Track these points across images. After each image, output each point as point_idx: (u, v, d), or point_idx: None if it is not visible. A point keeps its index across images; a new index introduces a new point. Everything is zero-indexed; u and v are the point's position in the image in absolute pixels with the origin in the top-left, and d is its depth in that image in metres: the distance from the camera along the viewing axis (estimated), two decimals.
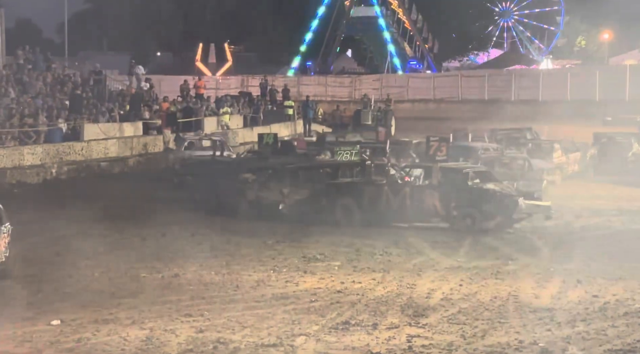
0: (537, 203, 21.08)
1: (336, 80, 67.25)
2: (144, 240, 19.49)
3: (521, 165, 26.41)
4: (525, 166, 26.35)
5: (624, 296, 13.98)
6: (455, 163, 22.94)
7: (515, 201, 20.53)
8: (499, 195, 20.77)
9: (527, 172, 25.76)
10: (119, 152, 33.11)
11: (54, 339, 11.73)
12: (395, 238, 19.44)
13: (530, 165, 26.36)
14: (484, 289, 14.57)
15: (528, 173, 25.64)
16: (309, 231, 20.29)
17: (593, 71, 59.51)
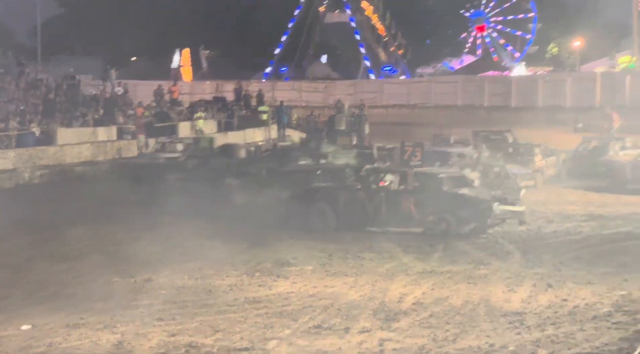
0: (511, 209, 21.22)
1: (310, 85, 67.40)
2: (117, 244, 19.44)
3: (497, 172, 25.65)
4: (501, 174, 25.60)
5: (593, 300, 14.12)
6: (430, 168, 23.03)
7: (490, 206, 20.66)
8: (474, 200, 20.88)
9: (504, 180, 25.10)
10: (92, 156, 33.03)
11: (24, 344, 11.71)
12: (369, 242, 19.51)
13: (506, 173, 25.63)
14: (456, 293, 14.67)
15: (505, 182, 24.97)
16: (283, 235, 20.31)
17: (564, 78, 60.02)
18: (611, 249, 18.93)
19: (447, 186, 21.26)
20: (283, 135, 42.63)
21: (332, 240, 19.82)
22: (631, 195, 27.28)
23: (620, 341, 11.97)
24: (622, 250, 18.75)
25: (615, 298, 14.24)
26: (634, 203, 25.90)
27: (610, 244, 19.56)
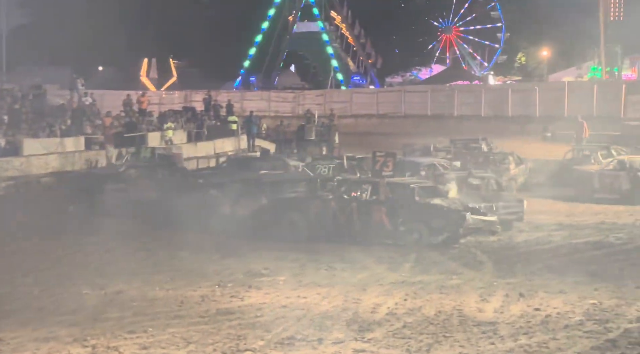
0: (484, 218, 21.25)
1: (280, 95, 67.35)
2: (86, 256, 19.27)
3: (492, 185, 24.91)
4: (495, 186, 24.90)
5: (565, 309, 14.18)
6: (402, 178, 23.03)
7: (462, 216, 20.65)
8: (447, 210, 20.87)
9: (501, 193, 24.34)
10: (60, 167, 32.69)
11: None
12: (341, 253, 19.47)
13: (501, 185, 25.01)
14: (429, 303, 14.66)
15: (503, 194, 24.17)
16: (255, 245, 20.23)
17: (533, 88, 60.40)
18: (581, 258, 19.06)
19: (420, 196, 21.27)
20: (252, 145, 42.53)
21: (304, 250, 19.75)
22: (599, 204, 27.53)
23: (592, 350, 12.03)
24: (592, 259, 18.90)
25: (586, 307, 14.31)
26: (602, 212, 26.16)
27: (580, 253, 19.70)
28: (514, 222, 22.99)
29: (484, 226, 21.22)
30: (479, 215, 21.09)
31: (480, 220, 21.05)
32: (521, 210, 23.10)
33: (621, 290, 15.53)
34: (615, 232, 22.38)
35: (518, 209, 23.08)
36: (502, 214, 22.43)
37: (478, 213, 21.20)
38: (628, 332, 12.85)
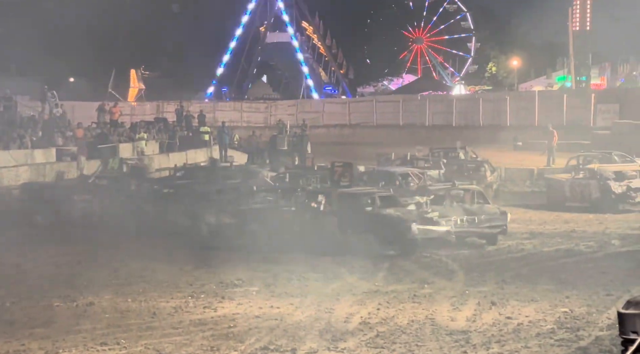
0: (432, 228, 21.11)
1: (252, 105, 67.34)
2: (58, 268, 19.16)
3: (477, 197, 23.75)
4: (478, 198, 23.69)
5: (537, 318, 14.28)
6: (356, 188, 23.07)
7: (408, 226, 20.59)
8: (394, 220, 20.89)
9: (485, 205, 23.11)
10: (30, 178, 32.41)
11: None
12: (313, 262, 19.48)
13: (485, 198, 23.72)
14: (401, 312, 14.71)
15: (486, 207, 23.00)
16: (227, 256, 20.20)
17: (504, 97, 60.81)
18: (552, 266, 19.21)
19: (376, 206, 21.29)
20: (225, 155, 42.43)
21: (275, 261, 19.72)
22: (570, 213, 27.74)
23: None
24: (562, 267, 19.04)
25: (557, 315, 14.42)
26: (572, 221, 26.36)
27: (551, 261, 19.85)
28: (497, 236, 22.37)
29: (434, 236, 21.08)
30: (428, 225, 21.02)
31: (427, 229, 20.95)
32: (504, 223, 22.48)
33: (592, 298, 15.66)
34: (586, 240, 22.57)
35: (501, 222, 22.47)
36: (485, 227, 22.12)
37: (428, 223, 21.13)
38: (599, 340, 12.95)
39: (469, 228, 21.97)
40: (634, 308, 5.90)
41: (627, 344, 5.79)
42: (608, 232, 24.02)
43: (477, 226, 22.01)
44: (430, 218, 21.39)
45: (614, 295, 15.69)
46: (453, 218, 21.76)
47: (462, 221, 21.86)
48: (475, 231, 22.10)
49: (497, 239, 22.25)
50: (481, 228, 22.06)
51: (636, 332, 5.70)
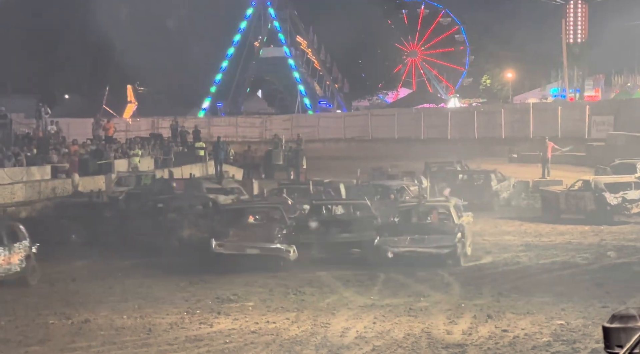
0: (274, 246, 21.01)
1: (247, 120, 67.32)
2: (52, 285, 19.12)
3: (441, 214, 23.03)
4: (442, 215, 22.94)
5: (532, 330, 14.26)
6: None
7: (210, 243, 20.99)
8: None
9: (446, 224, 22.24)
10: (26, 196, 32.39)
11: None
12: (308, 276, 19.46)
13: (450, 215, 22.48)
14: (397, 326, 14.69)
15: (445, 226, 22.06)
16: (222, 271, 20.16)
17: (498, 109, 60.90)
18: (548, 279, 19.20)
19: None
20: (220, 171, 42.45)
21: (272, 275, 19.72)
22: (565, 225, 27.73)
23: None
24: (558, 280, 19.03)
25: (553, 328, 14.41)
26: (568, 233, 26.33)
27: (547, 274, 19.84)
28: (446, 258, 20.94)
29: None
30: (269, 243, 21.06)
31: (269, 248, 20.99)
32: (452, 243, 20.85)
33: (588, 310, 15.65)
34: (582, 252, 22.56)
35: (448, 243, 20.90)
36: (432, 247, 20.91)
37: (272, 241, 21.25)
38: (595, 352, 12.93)
39: (417, 247, 20.96)
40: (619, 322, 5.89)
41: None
42: (604, 244, 24.01)
43: (425, 246, 20.91)
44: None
45: (610, 307, 15.64)
46: (402, 237, 21.17)
47: (410, 240, 21.08)
48: (423, 251, 20.87)
49: (456, 259, 20.80)
50: (429, 247, 20.87)
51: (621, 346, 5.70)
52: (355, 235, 21.69)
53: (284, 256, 20.65)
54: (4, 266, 18.57)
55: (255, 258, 20.65)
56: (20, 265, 19.05)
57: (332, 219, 23.12)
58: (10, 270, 18.74)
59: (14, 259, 18.87)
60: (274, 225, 22.07)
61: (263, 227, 22.25)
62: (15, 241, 19.25)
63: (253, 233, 21.54)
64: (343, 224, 22.56)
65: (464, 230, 21.65)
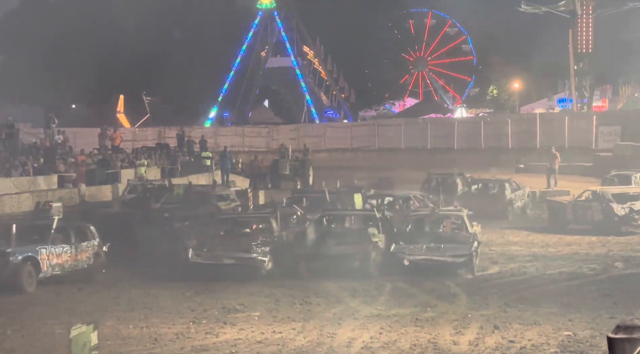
0: (248, 256, 21.16)
1: (253, 130, 67.44)
2: (58, 295, 19.11)
3: (455, 224, 23.33)
4: (460, 225, 23.07)
5: (539, 341, 14.20)
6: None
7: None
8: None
9: (460, 233, 22.50)
10: (32, 206, 32.43)
11: None
12: (315, 287, 19.43)
13: (464, 225, 22.83)
14: (404, 336, 14.64)
15: (459, 235, 22.32)
16: (228, 281, 20.15)
17: (505, 119, 60.91)
18: (555, 289, 19.12)
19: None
20: (227, 180, 42.49)
21: (278, 285, 19.71)
22: (572, 235, 27.65)
23: None
24: (565, 290, 18.96)
25: (560, 339, 14.34)
26: (576, 243, 26.27)
27: (554, 284, 19.77)
28: (461, 267, 21.34)
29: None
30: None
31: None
32: (468, 252, 21.17)
33: (595, 321, 15.58)
34: (589, 263, 22.49)
35: (465, 251, 21.19)
36: (448, 256, 21.12)
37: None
38: None
39: (433, 255, 21.15)
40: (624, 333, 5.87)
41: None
42: (611, 254, 23.94)
43: (441, 255, 21.12)
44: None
45: (618, 318, 15.55)
46: (418, 245, 21.39)
47: (426, 248, 21.30)
48: (438, 260, 21.11)
49: (471, 268, 21.14)
50: (445, 256, 21.08)
51: None
52: (352, 247, 21.16)
53: (258, 266, 20.91)
54: (70, 263, 20.82)
55: (231, 267, 20.97)
56: (88, 262, 21.38)
57: (327, 231, 22.63)
58: (77, 266, 21.06)
59: (81, 256, 21.21)
60: (257, 236, 22.26)
61: (244, 237, 22.38)
62: (83, 240, 21.51)
63: (232, 243, 21.80)
64: (339, 236, 22.06)
65: (478, 239, 22.12)
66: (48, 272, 20.15)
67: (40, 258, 19.88)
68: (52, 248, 20.37)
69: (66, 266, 20.72)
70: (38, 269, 19.82)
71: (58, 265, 20.46)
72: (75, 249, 21.03)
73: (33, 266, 19.70)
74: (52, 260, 20.28)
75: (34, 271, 19.73)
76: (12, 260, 19.39)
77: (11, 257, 19.42)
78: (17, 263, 19.39)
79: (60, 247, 20.66)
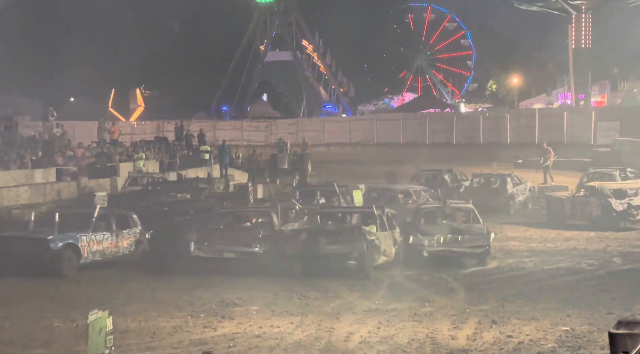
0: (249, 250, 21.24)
1: (252, 124, 67.43)
2: (57, 288, 19.12)
3: (466, 216, 24.06)
4: (470, 217, 23.72)
5: (537, 336, 14.22)
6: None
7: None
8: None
9: (474, 225, 23.14)
10: (30, 199, 32.38)
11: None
12: (313, 281, 19.44)
13: (476, 216, 23.54)
14: (402, 331, 14.65)
15: (473, 226, 23.01)
16: (227, 275, 20.16)
17: (504, 115, 60.94)
18: (553, 285, 19.15)
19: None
20: (225, 174, 42.47)
21: (276, 279, 19.70)
22: (570, 231, 27.69)
23: None
24: (563, 286, 18.99)
25: (558, 334, 14.36)
26: (574, 238, 26.31)
27: (552, 279, 19.80)
28: (480, 256, 22.08)
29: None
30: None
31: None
32: (487, 243, 22.03)
33: (593, 316, 15.60)
34: (587, 258, 22.53)
35: (483, 242, 22.00)
36: (466, 247, 21.92)
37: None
38: None
39: (451, 247, 21.95)
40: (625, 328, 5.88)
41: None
42: (609, 250, 23.97)
43: (460, 246, 21.94)
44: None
45: (616, 314, 15.59)
46: (436, 237, 21.99)
47: (444, 240, 22.00)
48: (458, 251, 21.94)
49: (484, 259, 21.93)
50: (463, 247, 21.92)
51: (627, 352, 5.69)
52: (344, 246, 20.55)
53: (258, 260, 20.89)
54: (111, 249, 21.73)
55: (232, 261, 20.99)
56: (129, 249, 22.22)
57: (319, 229, 21.77)
58: (118, 253, 22.00)
59: (122, 243, 22.10)
60: (257, 230, 22.24)
61: (245, 231, 22.40)
62: (125, 228, 22.37)
63: (233, 237, 21.80)
64: (332, 234, 21.24)
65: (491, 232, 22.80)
66: (89, 258, 21.11)
67: (80, 245, 20.85)
68: (93, 235, 21.32)
69: (107, 253, 21.61)
70: (79, 255, 20.81)
71: (99, 252, 21.39)
72: (116, 236, 21.95)
73: (74, 252, 20.69)
74: (93, 246, 21.24)
75: (75, 257, 20.74)
76: (52, 246, 20.32)
77: (52, 244, 20.33)
78: (57, 250, 20.35)
79: (101, 234, 21.58)
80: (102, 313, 8.81)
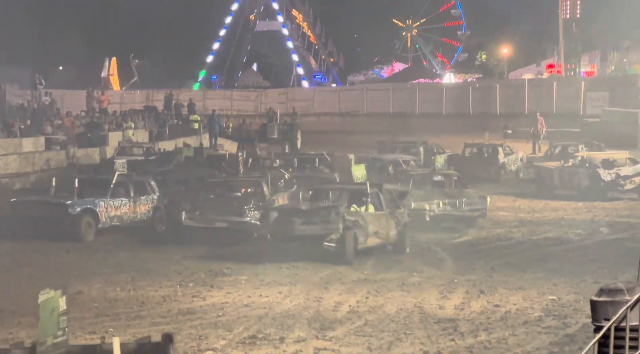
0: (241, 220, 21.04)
1: (242, 94, 67.17)
2: (46, 257, 19.14)
3: (456, 182, 24.83)
4: (457, 183, 24.71)
5: (524, 305, 14.33)
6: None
7: None
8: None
9: (464, 190, 24.23)
10: (19, 168, 32.31)
11: None
12: (303, 250, 19.43)
13: (463, 183, 24.99)
14: (390, 301, 14.73)
15: (466, 191, 24.11)
16: (217, 245, 20.20)
17: (493, 85, 60.91)
18: (540, 254, 19.28)
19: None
20: (215, 144, 42.41)
21: (265, 249, 19.66)
22: (558, 201, 27.81)
23: (551, 346, 12.17)
24: (550, 255, 19.11)
25: (545, 303, 14.48)
26: (562, 209, 26.45)
27: (540, 249, 19.93)
28: (477, 219, 23.58)
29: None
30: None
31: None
32: (484, 206, 23.72)
33: (579, 286, 15.73)
34: (574, 228, 22.67)
35: (481, 206, 23.65)
36: (466, 211, 23.14)
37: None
38: (586, 327, 12.98)
39: (451, 211, 22.94)
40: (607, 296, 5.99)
41: (599, 331, 5.95)
42: (597, 220, 24.12)
43: (458, 210, 22.99)
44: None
45: (602, 283, 15.62)
46: (435, 201, 22.80)
47: (444, 204, 22.89)
48: (457, 215, 23.05)
49: (475, 222, 23.30)
50: (462, 211, 23.06)
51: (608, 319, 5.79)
52: (319, 227, 18.81)
53: (252, 230, 20.00)
54: (129, 215, 22.44)
55: (223, 230, 20.79)
56: (147, 215, 22.80)
57: (294, 209, 20.15)
58: (136, 218, 22.65)
59: (140, 209, 22.73)
60: (249, 199, 22.07)
61: (236, 200, 22.31)
62: (143, 194, 22.95)
63: (225, 207, 21.66)
64: (307, 214, 19.31)
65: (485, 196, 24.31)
66: (107, 223, 21.83)
67: (98, 210, 21.56)
68: (111, 200, 21.98)
69: (125, 218, 22.34)
70: (97, 220, 21.54)
71: (117, 217, 22.12)
72: (134, 202, 22.57)
73: (92, 217, 21.41)
74: (111, 212, 21.93)
75: (93, 221, 21.46)
76: (70, 211, 21.08)
77: (70, 209, 21.10)
78: (75, 214, 21.12)
79: (119, 200, 22.20)
80: (55, 293, 8.43)
